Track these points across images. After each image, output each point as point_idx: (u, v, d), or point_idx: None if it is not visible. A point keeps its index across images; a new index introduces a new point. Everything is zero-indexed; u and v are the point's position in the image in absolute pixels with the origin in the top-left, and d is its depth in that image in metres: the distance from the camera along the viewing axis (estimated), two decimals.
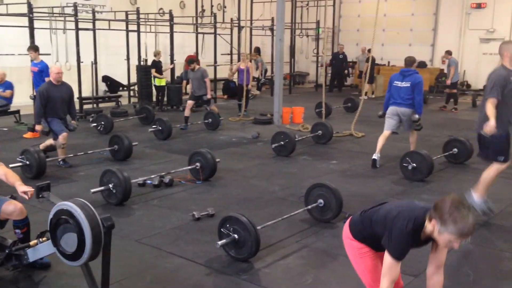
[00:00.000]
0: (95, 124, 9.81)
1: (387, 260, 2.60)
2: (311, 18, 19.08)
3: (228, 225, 4.19)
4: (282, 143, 8.02)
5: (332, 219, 5.03)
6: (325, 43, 14.88)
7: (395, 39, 19.24)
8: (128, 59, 13.32)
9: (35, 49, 8.95)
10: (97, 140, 9.09)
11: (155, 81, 12.88)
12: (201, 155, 6.55)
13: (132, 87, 14.23)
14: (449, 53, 13.61)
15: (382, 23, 18.14)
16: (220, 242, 4.14)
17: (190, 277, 3.93)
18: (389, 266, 2.59)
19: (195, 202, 5.73)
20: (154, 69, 12.80)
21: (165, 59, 13.76)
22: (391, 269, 2.58)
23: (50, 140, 7.35)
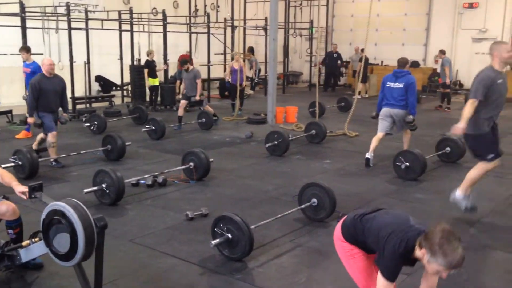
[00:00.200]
0: (88, 124, 9.78)
1: (380, 281, 2.62)
2: (305, 17, 19.12)
3: (221, 225, 4.19)
4: (275, 142, 8.03)
5: (325, 218, 5.04)
6: (318, 42, 14.94)
7: (388, 39, 19.32)
8: (121, 58, 13.30)
9: (27, 50, 8.90)
10: (90, 140, 9.06)
11: (148, 81, 12.83)
12: (194, 154, 6.55)
13: (125, 87, 14.19)
14: (443, 52, 13.64)
15: (375, 23, 18.19)
16: (213, 241, 4.14)
17: (183, 277, 3.92)
18: (382, 287, 2.61)
19: (189, 202, 5.73)
20: (146, 69, 12.72)
21: (159, 58, 13.72)
22: None
23: (41, 134, 7.34)
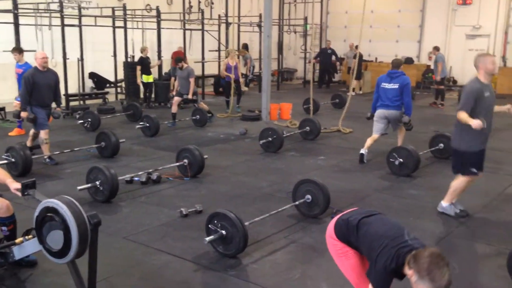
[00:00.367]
0: (82, 121, 9.73)
1: None
2: (299, 14, 19.10)
3: (216, 221, 4.19)
4: (270, 139, 8.03)
5: (319, 215, 5.05)
6: (313, 39, 14.93)
7: (383, 35, 19.35)
8: (115, 55, 13.24)
9: (20, 51, 8.71)
10: (84, 137, 9.03)
11: (142, 78, 12.76)
12: (188, 151, 6.54)
13: (119, 84, 14.13)
14: (436, 49, 13.70)
15: (369, 20, 18.20)
16: (208, 238, 4.14)
17: (177, 274, 3.93)
18: None
19: (183, 198, 5.72)
20: (139, 66, 12.60)
21: (153, 55, 13.68)
22: None
23: (32, 130, 7.35)
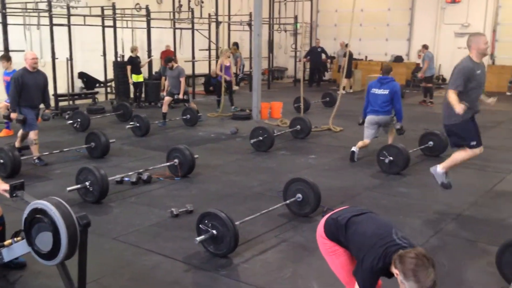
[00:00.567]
0: (71, 121, 9.68)
1: None
2: (289, 13, 19.09)
3: (206, 221, 4.19)
4: (260, 138, 8.04)
5: (310, 213, 5.06)
6: (303, 38, 14.97)
7: (372, 33, 19.41)
8: (104, 55, 13.18)
9: (8, 58, 8.52)
10: (74, 137, 8.97)
11: (132, 77, 12.70)
12: (179, 151, 6.52)
13: (109, 84, 14.06)
14: (425, 47, 13.78)
15: (359, 18, 18.25)
16: (198, 238, 4.13)
17: (168, 274, 3.92)
18: None
19: (174, 198, 5.71)
20: (129, 66, 12.54)
21: (143, 54, 13.63)
22: None
23: (21, 130, 7.31)
